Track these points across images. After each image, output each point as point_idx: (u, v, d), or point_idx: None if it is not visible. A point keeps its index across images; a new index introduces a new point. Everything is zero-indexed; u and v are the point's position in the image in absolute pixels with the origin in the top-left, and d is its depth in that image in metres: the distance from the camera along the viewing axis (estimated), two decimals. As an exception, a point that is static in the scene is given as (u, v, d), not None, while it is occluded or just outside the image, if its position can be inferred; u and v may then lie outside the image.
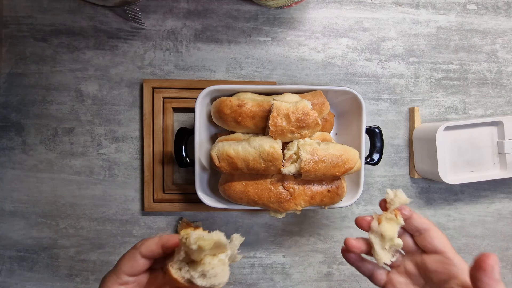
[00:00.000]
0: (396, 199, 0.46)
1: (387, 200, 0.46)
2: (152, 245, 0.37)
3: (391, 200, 0.46)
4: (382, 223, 0.46)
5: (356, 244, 0.46)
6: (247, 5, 0.71)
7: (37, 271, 0.72)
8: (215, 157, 0.56)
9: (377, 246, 0.46)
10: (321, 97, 0.59)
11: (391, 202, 0.46)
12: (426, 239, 0.44)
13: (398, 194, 0.46)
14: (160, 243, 0.37)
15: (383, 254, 0.45)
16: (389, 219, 0.45)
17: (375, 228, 0.46)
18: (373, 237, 0.46)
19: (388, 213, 0.46)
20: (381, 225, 0.45)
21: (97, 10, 0.70)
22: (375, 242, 0.46)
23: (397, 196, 0.46)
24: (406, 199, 0.45)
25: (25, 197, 0.71)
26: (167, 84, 0.70)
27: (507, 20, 0.73)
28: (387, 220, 0.46)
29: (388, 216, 0.46)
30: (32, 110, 0.71)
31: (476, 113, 0.74)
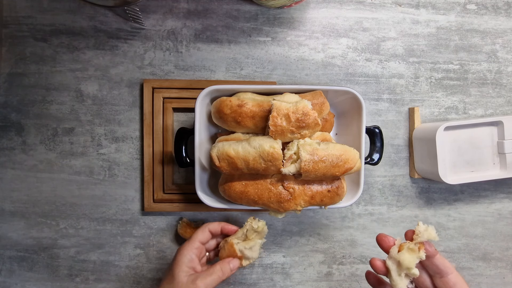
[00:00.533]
0: (425, 233, 0.45)
1: (415, 231, 0.46)
2: (215, 225, 0.57)
3: (419, 233, 0.45)
4: (402, 251, 0.45)
5: (380, 265, 0.47)
6: (247, 5, 0.71)
7: (37, 271, 0.72)
8: (215, 157, 0.56)
9: (394, 272, 0.46)
10: (321, 97, 0.59)
11: (418, 234, 0.45)
12: (448, 284, 0.45)
13: (429, 230, 0.45)
14: (220, 226, 0.57)
15: (399, 281, 0.46)
16: (411, 249, 0.45)
17: (394, 254, 0.46)
18: (391, 263, 0.46)
19: (412, 244, 0.45)
20: (401, 253, 0.45)
21: (97, 10, 0.70)
22: (392, 269, 0.46)
23: (427, 231, 0.45)
24: (436, 236, 0.45)
25: (25, 197, 0.71)
26: (167, 84, 0.70)
27: (507, 20, 0.73)
28: (409, 250, 0.45)
29: (410, 247, 0.45)
30: (32, 110, 0.71)
31: (476, 113, 0.74)
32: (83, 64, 0.71)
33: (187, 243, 0.55)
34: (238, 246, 0.56)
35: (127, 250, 0.72)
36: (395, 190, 0.73)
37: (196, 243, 0.54)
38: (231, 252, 0.56)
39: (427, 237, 0.45)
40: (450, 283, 0.45)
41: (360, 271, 0.73)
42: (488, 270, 0.74)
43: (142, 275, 0.72)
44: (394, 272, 0.46)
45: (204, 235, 0.56)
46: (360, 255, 0.73)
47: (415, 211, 0.74)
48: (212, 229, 0.56)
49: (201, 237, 0.55)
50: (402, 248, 0.46)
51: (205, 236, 0.56)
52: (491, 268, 0.74)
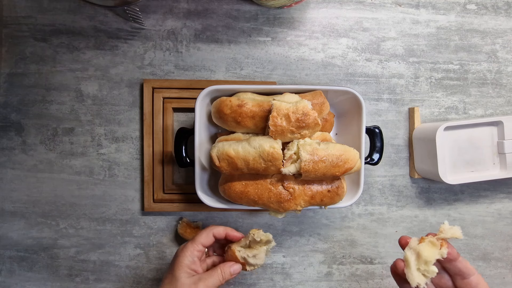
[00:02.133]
0: (449, 231, 0.44)
1: (440, 229, 0.45)
2: (220, 231, 0.56)
3: (443, 230, 0.45)
4: (423, 243, 0.44)
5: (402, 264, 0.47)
6: (247, 5, 0.71)
7: (37, 271, 0.72)
8: (215, 157, 0.56)
9: (412, 264, 0.44)
10: (321, 97, 0.59)
11: (442, 231, 0.45)
12: (470, 285, 0.45)
13: (454, 228, 0.44)
14: (225, 232, 0.57)
15: (416, 274, 0.44)
16: (432, 243, 0.44)
17: (414, 245, 0.45)
18: (410, 254, 0.45)
19: (434, 238, 0.44)
20: (422, 245, 0.44)
21: (97, 10, 0.70)
22: (411, 260, 0.44)
23: (452, 229, 0.44)
24: (460, 235, 0.44)
25: (25, 197, 0.71)
26: (167, 84, 0.70)
27: (507, 20, 0.73)
28: (429, 244, 0.44)
29: (432, 240, 0.44)
30: (32, 110, 0.71)
31: (476, 113, 0.74)
32: (83, 64, 0.71)
33: (190, 244, 0.55)
34: (240, 254, 0.56)
35: (127, 250, 0.72)
36: (395, 190, 0.73)
37: (199, 245, 0.54)
38: (233, 258, 0.56)
39: (451, 235, 0.44)
40: (472, 285, 0.45)
41: (360, 271, 0.73)
42: (488, 270, 0.74)
43: (142, 275, 0.72)
44: (412, 264, 0.44)
45: (208, 239, 0.55)
46: (360, 255, 0.73)
47: (415, 211, 0.74)
48: (217, 234, 0.56)
49: (204, 240, 0.55)
50: (423, 241, 0.44)
51: (208, 240, 0.56)
52: (491, 268, 0.74)
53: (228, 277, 0.54)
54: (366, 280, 0.73)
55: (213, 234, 0.56)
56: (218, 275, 0.53)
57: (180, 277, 0.52)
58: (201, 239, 0.55)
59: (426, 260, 0.43)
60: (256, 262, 0.56)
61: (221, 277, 0.54)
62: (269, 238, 0.56)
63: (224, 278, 0.54)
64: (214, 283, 0.53)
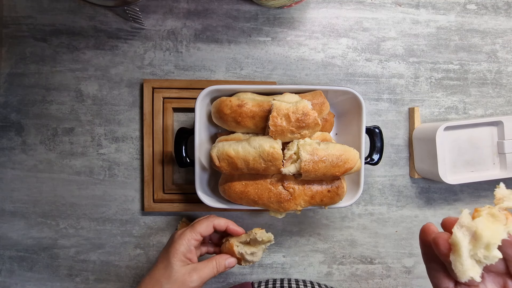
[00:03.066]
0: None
1: (496, 195, 0.32)
2: (222, 223, 0.56)
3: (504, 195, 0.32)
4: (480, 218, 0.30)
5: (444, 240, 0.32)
6: (247, 5, 0.71)
7: (37, 271, 0.72)
8: (215, 157, 0.56)
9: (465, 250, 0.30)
10: (321, 97, 0.59)
11: (502, 197, 0.32)
12: None
13: None
14: (226, 224, 0.56)
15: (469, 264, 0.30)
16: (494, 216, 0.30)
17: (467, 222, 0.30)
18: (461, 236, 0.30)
19: (496, 208, 0.31)
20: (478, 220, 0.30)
21: (97, 10, 0.70)
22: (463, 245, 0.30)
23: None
24: None
25: (25, 197, 0.71)
26: (167, 84, 0.70)
27: (507, 20, 0.73)
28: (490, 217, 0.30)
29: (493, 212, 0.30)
30: (32, 110, 0.71)
31: (476, 113, 0.74)
32: (83, 64, 0.71)
33: (188, 232, 0.54)
34: (238, 249, 0.56)
35: (127, 250, 0.72)
36: (395, 190, 0.73)
37: (197, 235, 0.53)
38: (230, 251, 0.56)
39: None
40: None
41: (360, 271, 0.73)
42: (488, 270, 0.74)
43: (142, 275, 0.72)
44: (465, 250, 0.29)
45: (207, 229, 0.54)
46: (360, 255, 0.73)
47: (415, 211, 0.74)
48: (217, 226, 0.55)
49: (203, 230, 0.54)
50: (479, 215, 0.30)
51: (208, 230, 0.54)
52: (491, 268, 0.74)
53: (222, 269, 0.54)
54: (366, 280, 0.73)
55: (213, 226, 0.55)
56: (213, 267, 0.53)
57: (174, 265, 0.51)
58: (200, 229, 0.54)
59: (489, 242, 0.29)
60: (252, 259, 0.57)
61: (215, 269, 0.53)
62: (270, 238, 0.56)
63: (218, 270, 0.53)
64: (208, 274, 0.52)
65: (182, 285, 0.50)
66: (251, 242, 0.56)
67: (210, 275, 0.52)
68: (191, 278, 0.50)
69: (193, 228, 0.54)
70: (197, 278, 0.51)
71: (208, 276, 0.52)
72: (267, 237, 0.55)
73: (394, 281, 0.73)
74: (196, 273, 0.51)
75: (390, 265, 0.73)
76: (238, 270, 0.72)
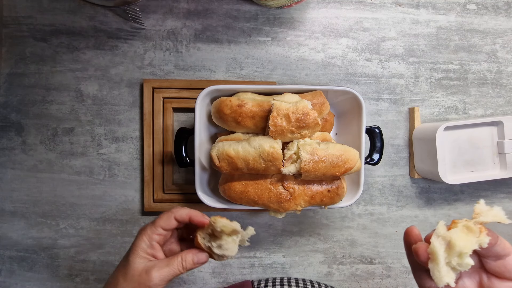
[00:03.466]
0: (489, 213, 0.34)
1: (475, 210, 0.36)
2: (183, 214, 0.49)
3: (481, 211, 0.35)
4: (455, 229, 0.34)
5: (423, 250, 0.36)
6: (247, 5, 0.71)
7: (37, 271, 0.72)
8: (215, 157, 0.56)
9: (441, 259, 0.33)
10: (321, 97, 0.59)
11: (479, 213, 0.35)
12: (506, 266, 0.36)
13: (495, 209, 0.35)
14: (189, 215, 0.49)
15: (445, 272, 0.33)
16: (468, 229, 0.34)
17: (443, 232, 0.34)
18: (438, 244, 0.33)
19: (471, 222, 0.34)
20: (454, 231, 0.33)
21: (97, 10, 0.70)
22: (439, 253, 0.33)
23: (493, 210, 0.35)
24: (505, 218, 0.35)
25: (25, 197, 0.71)
26: (167, 84, 0.70)
27: (507, 20, 0.73)
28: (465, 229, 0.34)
29: (468, 225, 0.34)
30: (32, 110, 0.71)
31: (476, 113, 0.74)
32: (83, 64, 0.71)
33: (148, 227, 0.49)
34: (204, 241, 0.49)
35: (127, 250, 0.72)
36: (395, 190, 0.73)
37: (158, 229, 0.48)
38: (199, 245, 0.50)
39: (492, 218, 0.34)
40: (509, 266, 0.36)
41: (360, 271, 0.73)
42: (488, 270, 0.74)
43: (142, 275, 0.72)
44: (441, 258, 0.33)
45: (169, 222, 0.49)
46: (360, 255, 0.73)
47: (415, 211, 0.74)
48: (179, 218, 0.49)
49: (164, 224, 0.49)
50: (455, 226, 0.34)
51: (169, 224, 0.49)
52: (491, 268, 0.74)
53: (190, 266, 0.48)
54: (366, 280, 0.73)
55: (174, 218, 0.49)
56: (178, 264, 0.48)
57: (132, 262, 0.47)
58: (160, 222, 0.49)
59: (461, 252, 0.32)
60: (222, 253, 0.49)
61: (180, 266, 0.48)
62: (234, 228, 0.48)
63: (184, 267, 0.48)
64: (170, 272, 0.47)
65: (139, 284, 0.46)
66: (215, 233, 0.49)
67: (173, 272, 0.47)
68: (149, 277, 0.46)
69: (153, 222, 0.49)
70: (157, 276, 0.46)
71: (171, 274, 0.47)
72: (227, 228, 0.47)
73: (394, 281, 0.73)
74: (156, 271, 0.46)
75: (390, 265, 0.73)
76: (238, 270, 0.72)
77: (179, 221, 0.49)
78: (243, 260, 0.73)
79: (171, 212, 0.49)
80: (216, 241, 0.48)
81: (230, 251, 0.48)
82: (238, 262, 0.72)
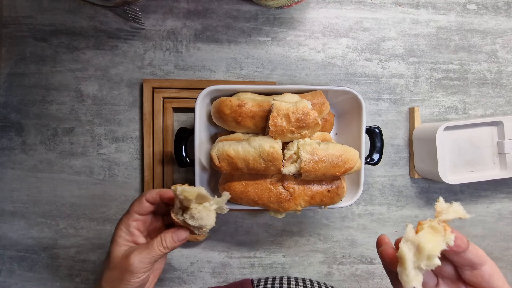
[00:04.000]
0: (450, 210, 0.35)
1: (437, 208, 0.36)
2: (153, 193, 0.49)
3: (443, 210, 0.35)
4: (422, 232, 0.34)
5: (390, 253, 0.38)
6: (247, 5, 0.71)
7: (37, 271, 0.72)
8: (215, 157, 0.56)
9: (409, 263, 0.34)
10: (321, 97, 0.59)
11: (441, 211, 0.36)
12: (482, 277, 0.36)
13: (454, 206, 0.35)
14: (160, 193, 0.49)
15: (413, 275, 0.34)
16: (434, 229, 0.34)
17: (411, 236, 0.34)
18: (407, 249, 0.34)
19: (435, 221, 0.35)
20: (421, 234, 0.34)
21: (97, 10, 0.70)
22: (408, 258, 0.34)
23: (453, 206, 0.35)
24: (465, 214, 0.35)
25: (25, 197, 0.71)
26: (167, 84, 0.70)
27: (507, 20, 0.73)
28: (431, 229, 0.34)
29: (433, 225, 0.34)
30: (32, 110, 0.71)
31: (476, 113, 0.74)
32: (83, 64, 0.71)
33: (124, 216, 0.49)
34: (178, 216, 0.47)
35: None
36: (395, 190, 0.73)
37: (133, 215, 0.48)
38: (176, 222, 0.48)
39: (453, 215, 0.34)
40: (485, 277, 0.36)
41: (360, 271, 0.73)
42: (488, 270, 0.74)
43: (142, 275, 0.72)
44: (409, 262, 0.33)
45: (142, 206, 0.48)
46: (360, 255, 0.73)
47: (415, 211, 0.74)
48: (150, 198, 0.49)
49: (138, 209, 0.48)
50: (422, 228, 0.34)
51: (143, 207, 0.48)
52: (491, 268, 0.74)
53: (171, 244, 0.47)
54: (366, 280, 0.73)
55: (145, 200, 0.49)
56: (157, 244, 0.46)
57: (113, 251, 0.47)
58: (134, 208, 0.49)
59: (430, 254, 0.33)
60: (199, 224, 0.46)
61: (161, 246, 0.46)
62: (198, 192, 0.45)
63: (166, 246, 0.47)
64: (151, 253, 0.46)
65: (121, 270, 0.45)
66: (184, 203, 0.46)
67: (154, 254, 0.46)
68: (129, 261, 0.45)
69: (128, 210, 0.49)
70: (137, 260, 0.45)
71: (153, 255, 0.46)
72: (191, 194, 0.44)
73: (394, 281, 0.73)
74: (136, 255, 0.45)
75: (390, 265, 0.73)
76: (238, 270, 0.72)
77: (152, 202, 0.49)
78: (243, 260, 0.73)
79: (142, 196, 0.49)
80: (188, 212, 0.46)
81: (205, 220, 0.46)
82: (238, 262, 0.72)
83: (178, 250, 0.72)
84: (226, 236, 0.72)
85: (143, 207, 0.49)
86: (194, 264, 0.72)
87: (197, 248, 0.72)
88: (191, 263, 0.72)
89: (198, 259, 0.72)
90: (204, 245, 0.72)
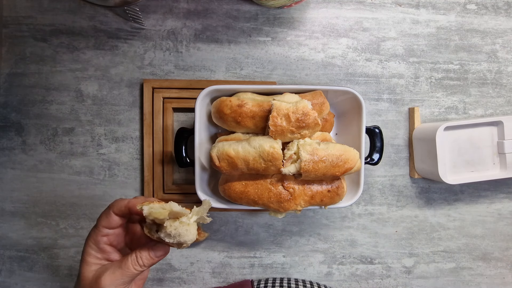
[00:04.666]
0: None
1: None
2: (122, 207, 0.44)
3: None
4: None
5: None
6: (247, 5, 0.71)
7: (37, 271, 0.72)
8: (215, 157, 0.56)
9: None
10: (321, 97, 0.59)
11: None
12: None
13: None
14: (128, 206, 0.44)
15: None
16: None
17: None
18: None
19: None
20: None
21: (97, 10, 0.70)
22: None
23: None
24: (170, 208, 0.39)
25: (25, 197, 0.71)
26: (167, 84, 0.70)
27: (507, 20, 0.73)
28: None
29: None
30: (32, 110, 0.71)
31: (476, 113, 0.74)
32: (83, 64, 0.71)
33: (92, 231, 0.44)
34: (152, 233, 0.43)
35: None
36: (395, 190, 0.73)
37: (102, 230, 0.43)
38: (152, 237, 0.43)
39: None
40: None
41: (360, 271, 0.73)
42: (488, 270, 0.74)
43: (142, 275, 0.72)
44: None
45: (110, 220, 0.44)
46: (360, 255, 0.73)
47: (415, 211, 0.74)
48: (118, 212, 0.44)
49: (105, 223, 0.44)
50: None
51: (111, 221, 0.44)
52: (491, 268, 0.74)
53: (149, 262, 0.43)
54: (366, 280, 0.73)
55: (114, 213, 0.44)
56: (132, 263, 0.42)
57: (82, 273, 0.42)
58: (102, 222, 0.44)
59: None
60: (176, 241, 0.41)
61: (136, 264, 0.42)
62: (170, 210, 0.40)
63: (143, 264, 0.42)
64: (126, 274, 0.41)
65: None
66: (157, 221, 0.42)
67: (129, 273, 0.42)
68: (100, 284, 0.41)
69: (95, 224, 0.44)
70: (108, 281, 0.41)
71: (126, 275, 0.42)
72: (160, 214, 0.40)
73: (394, 281, 0.73)
74: (107, 276, 0.41)
75: (390, 265, 0.73)
76: (238, 270, 0.72)
77: (120, 215, 0.44)
78: (243, 260, 0.73)
79: (109, 208, 0.44)
80: (162, 230, 0.41)
81: (184, 236, 0.40)
82: (238, 262, 0.72)
83: (178, 250, 0.72)
84: (226, 236, 0.72)
85: (112, 221, 0.44)
86: (194, 264, 0.72)
87: (197, 248, 0.72)
88: (191, 263, 0.72)
89: (198, 259, 0.72)
90: (204, 245, 0.72)
